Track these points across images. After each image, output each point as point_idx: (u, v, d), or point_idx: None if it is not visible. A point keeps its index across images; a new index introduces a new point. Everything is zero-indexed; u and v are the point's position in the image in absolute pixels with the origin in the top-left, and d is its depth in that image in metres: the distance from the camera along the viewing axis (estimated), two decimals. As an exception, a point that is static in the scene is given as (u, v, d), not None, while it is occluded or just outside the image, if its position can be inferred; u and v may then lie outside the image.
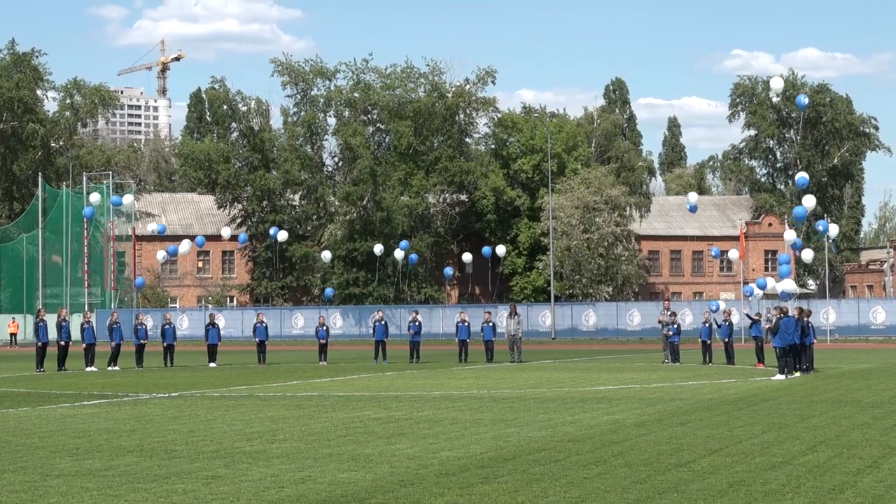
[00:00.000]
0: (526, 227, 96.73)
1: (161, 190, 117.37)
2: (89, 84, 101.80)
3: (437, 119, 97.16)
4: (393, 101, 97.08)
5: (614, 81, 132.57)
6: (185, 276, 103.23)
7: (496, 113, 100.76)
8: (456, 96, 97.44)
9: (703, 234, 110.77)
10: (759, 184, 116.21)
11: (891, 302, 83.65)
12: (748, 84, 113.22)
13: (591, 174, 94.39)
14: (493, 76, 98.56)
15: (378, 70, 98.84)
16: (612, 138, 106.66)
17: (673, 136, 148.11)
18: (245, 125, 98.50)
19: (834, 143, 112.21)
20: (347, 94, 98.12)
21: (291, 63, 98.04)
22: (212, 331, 47.22)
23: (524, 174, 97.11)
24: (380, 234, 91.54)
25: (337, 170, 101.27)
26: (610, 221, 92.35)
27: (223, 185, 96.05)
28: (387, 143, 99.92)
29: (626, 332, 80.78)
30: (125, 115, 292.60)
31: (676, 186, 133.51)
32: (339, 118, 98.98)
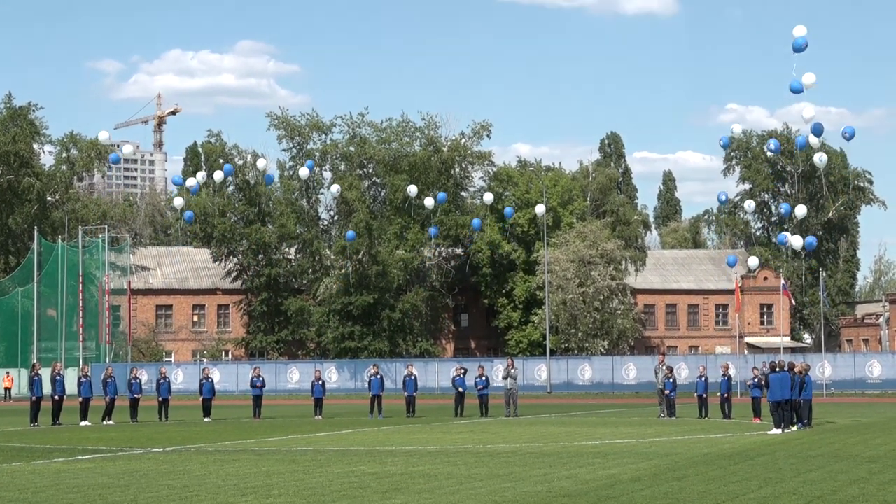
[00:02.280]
0: (522, 281, 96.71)
1: (157, 244, 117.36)
2: (85, 138, 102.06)
3: (432, 173, 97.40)
4: (389, 154, 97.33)
5: (609, 135, 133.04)
6: (181, 330, 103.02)
7: (492, 167, 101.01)
8: (451, 150, 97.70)
9: (698, 287, 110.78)
10: (753, 237, 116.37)
11: (887, 356, 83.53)
12: (743, 138, 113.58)
13: (586, 228, 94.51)
14: (488, 130, 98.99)
15: (374, 124, 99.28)
16: (607, 192, 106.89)
17: (668, 190, 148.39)
18: (241, 179, 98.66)
19: (829, 197, 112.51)
20: (343, 147, 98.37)
21: (287, 117, 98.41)
22: (206, 385, 47.12)
23: (520, 228, 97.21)
24: (375, 287, 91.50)
25: (332, 224, 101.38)
26: (605, 275, 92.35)
27: (219, 239, 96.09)
28: (382, 197, 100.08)
29: (621, 385, 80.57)
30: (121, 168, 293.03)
31: (672, 240, 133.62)
32: (335, 172, 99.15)
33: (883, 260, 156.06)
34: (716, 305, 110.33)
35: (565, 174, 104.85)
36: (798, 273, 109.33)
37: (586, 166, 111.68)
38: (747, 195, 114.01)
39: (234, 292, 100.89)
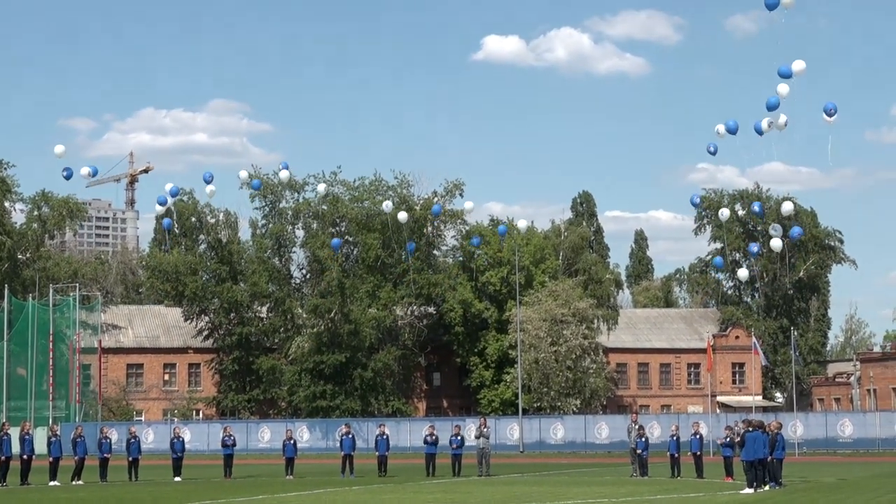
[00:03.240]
0: (494, 340, 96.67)
1: (128, 302, 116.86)
2: (57, 196, 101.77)
3: (405, 232, 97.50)
4: (361, 213, 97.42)
5: (581, 195, 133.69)
6: (151, 389, 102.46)
7: (464, 226, 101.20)
8: (424, 209, 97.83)
9: (670, 346, 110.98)
10: (725, 296, 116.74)
11: (858, 415, 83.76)
12: (714, 197, 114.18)
13: (558, 287, 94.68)
14: (461, 189, 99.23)
15: (346, 183, 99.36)
16: (579, 251, 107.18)
17: (640, 249, 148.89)
18: (213, 237, 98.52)
19: (800, 256, 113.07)
20: (316, 206, 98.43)
21: (260, 175, 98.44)
22: (177, 444, 46.83)
23: (492, 287, 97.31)
24: (347, 346, 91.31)
25: (305, 282, 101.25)
26: (578, 334, 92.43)
27: (190, 298, 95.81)
28: (355, 256, 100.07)
29: (594, 444, 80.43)
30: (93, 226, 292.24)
31: (644, 299, 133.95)
32: (308, 230, 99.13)
33: (854, 319, 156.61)
34: (688, 364, 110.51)
35: (537, 233, 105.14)
36: (769, 332, 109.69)
37: (558, 225, 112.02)
38: (718, 254, 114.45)
39: (205, 351, 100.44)
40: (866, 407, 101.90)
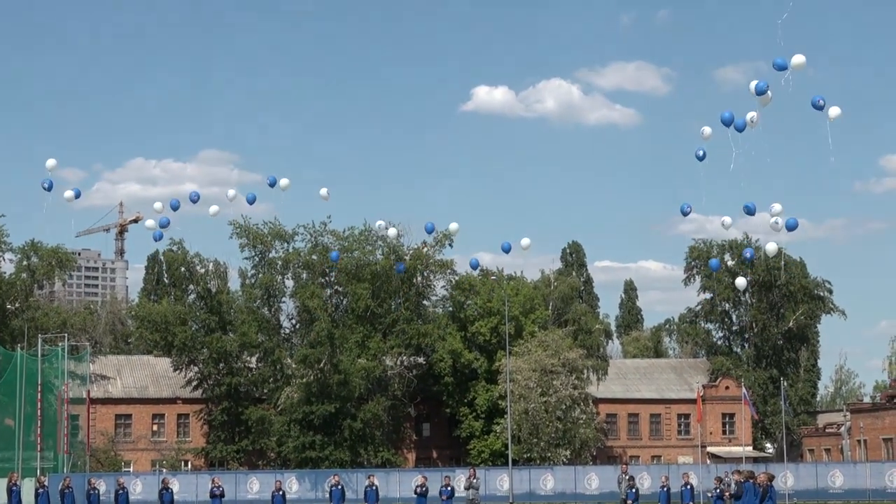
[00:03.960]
0: (483, 390, 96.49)
1: (117, 352, 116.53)
2: (46, 246, 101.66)
3: (394, 282, 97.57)
4: (351, 263, 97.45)
5: (571, 245, 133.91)
6: (140, 440, 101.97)
7: (454, 276, 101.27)
8: (414, 259, 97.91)
9: (660, 397, 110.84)
10: (715, 347, 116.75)
11: (849, 466, 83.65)
12: (703, 248, 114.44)
13: (548, 337, 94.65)
14: (450, 239, 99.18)
15: (336, 233, 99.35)
16: (569, 301, 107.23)
17: (629, 299, 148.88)
18: (202, 287, 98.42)
19: (789, 306, 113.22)
20: (305, 256, 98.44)
21: (250, 225, 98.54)
22: (166, 495, 46.65)
23: (482, 337, 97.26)
24: (337, 396, 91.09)
25: (294, 332, 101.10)
26: (567, 384, 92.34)
27: (179, 348, 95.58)
28: (344, 306, 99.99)
29: (584, 496, 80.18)
30: (82, 276, 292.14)
31: (633, 349, 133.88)
32: (297, 280, 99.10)
33: (843, 369, 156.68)
34: (678, 415, 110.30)
35: (527, 283, 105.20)
36: (759, 382, 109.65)
37: (548, 275, 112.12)
38: (708, 305, 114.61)
39: (194, 401, 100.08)
40: (857, 458, 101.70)
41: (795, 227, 44.40)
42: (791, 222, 44.06)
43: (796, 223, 44.14)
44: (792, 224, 44.33)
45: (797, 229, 44.19)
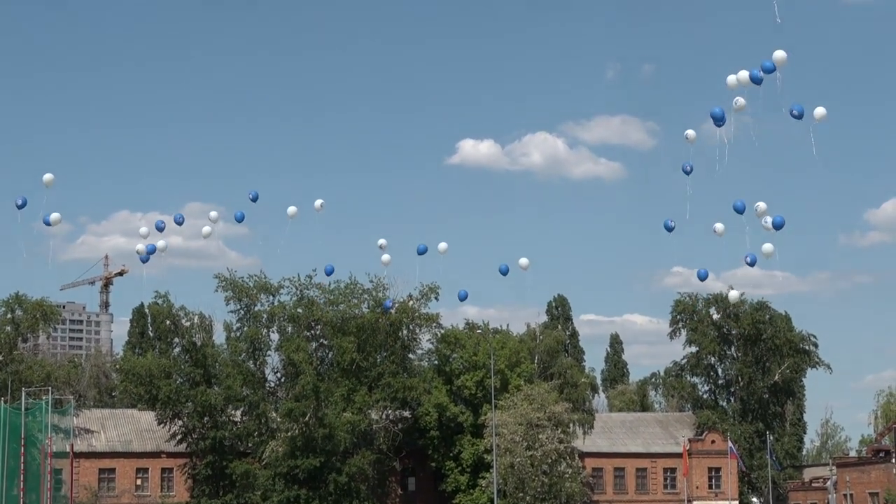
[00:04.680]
0: (469, 444, 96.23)
1: (101, 406, 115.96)
2: (31, 299, 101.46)
3: (380, 335, 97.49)
4: (336, 316, 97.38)
5: (556, 298, 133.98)
6: (123, 494, 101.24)
7: (439, 329, 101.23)
8: (399, 312, 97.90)
9: (646, 451, 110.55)
10: (701, 401, 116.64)
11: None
12: (688, 301, 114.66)
13: (534, 390, 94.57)
14: (436, 292, 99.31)
15: (322, 286, 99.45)
16: (554, 355, 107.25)
17: (615, 353, 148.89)
18: (188, 340, 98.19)
19: (774, 360, 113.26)
20: (291, 309, 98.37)
21: (235, 279, 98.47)
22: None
23: (467, 390, 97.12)
24: (322, 450, 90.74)
25: (279, 385, 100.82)
26: (553, 438, 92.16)
27: (164, 401, 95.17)
28: (330, 359, 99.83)
29: (570, 550, 79.86)
30: (67, 329, 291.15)
31: (619, 403, 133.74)
32: (283, 334, 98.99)
33: (829, 423, 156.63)
34: (664, 469, 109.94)
35: (513, 337, 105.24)
36: (745, 436, 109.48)
37: (533, 329, 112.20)
38: (693, 358, 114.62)
39: (178, 455, 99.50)
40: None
41: (782, 226, 44.55)
42: (777, 220, 44.22)
43: (783, 221, 44.42)
44: (779, 222, 44.48)
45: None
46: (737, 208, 44.88)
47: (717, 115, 43.47)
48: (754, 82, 42.00)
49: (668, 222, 49.38)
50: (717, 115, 43.46)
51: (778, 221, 44.39)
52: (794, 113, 42.12)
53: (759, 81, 41.84)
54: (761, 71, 41.75)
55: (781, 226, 44.55)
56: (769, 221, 44.69)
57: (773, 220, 44.66)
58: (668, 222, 49.38)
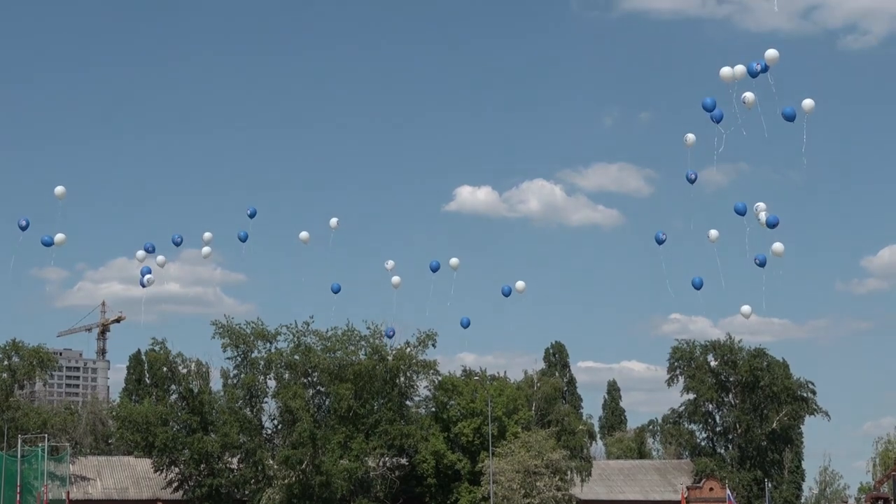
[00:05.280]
0: (467, 492, 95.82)
1: (97, 453, 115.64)
2: (28, 345, 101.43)
3: (377, 382, 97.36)
4: (333, 363, 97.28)
5: (554, 345, 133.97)
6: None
7: (437, 376, 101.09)
8: (397, 359, 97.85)
9: (644, 498, 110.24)
10: (699, 448, 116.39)
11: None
12: (686, 348, 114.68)
13: (531, 438, 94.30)
14: (433, 339, 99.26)
15: (319, 333, 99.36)
16: (552, 402, 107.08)
17: (613, 400, 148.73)
18: (184, 387, 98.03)
19: (772, 407, 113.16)
20: (288, 356, 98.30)
21: (232, 325, 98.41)
22: None
23: (465, 437, 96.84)
24: (319, 498, 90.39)
25: (276, 433, 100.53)
26: (551, 486, 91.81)
27: (160, 449, 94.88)
28: (327, 406, 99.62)
29: None
30: (63, 376, 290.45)
31: (617, 450, 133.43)
32: (280, 380, 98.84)
33: (828, 471, 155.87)
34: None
35: (510, 384, 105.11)
36: (743, 483, 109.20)
37: (531, 376, 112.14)
38: (691, 405, 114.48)
39: (175, 503, 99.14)
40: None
41: (776, 224, 44.55)
42: (772, 219, 44.22)
43: (776, 220, 44.48)
44: (772, 221, 44.48)
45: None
46: (738, 210, 44.89)
47: (713, 112, 43.58)
48: (751, 75, 42.17)
49: (660, 234, 49.52)
50: (714, 113, 43.56)
51: (772, 220, 44.29)
52: (785, 115, 42.38)
53: (756, 75, 42.03)
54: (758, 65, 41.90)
55: (775, 224, 44.55)
56: (763, 217, 44.67)
57: (768, 218, 44.61)
58: (660, 234, 49.52)
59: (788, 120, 42.33)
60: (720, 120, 43.34)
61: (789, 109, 42.53)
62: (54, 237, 54.71)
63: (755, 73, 42.01)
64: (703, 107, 43.45)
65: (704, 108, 43.38)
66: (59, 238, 54.41)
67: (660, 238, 49.96)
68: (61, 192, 54.91)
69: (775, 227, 44.92)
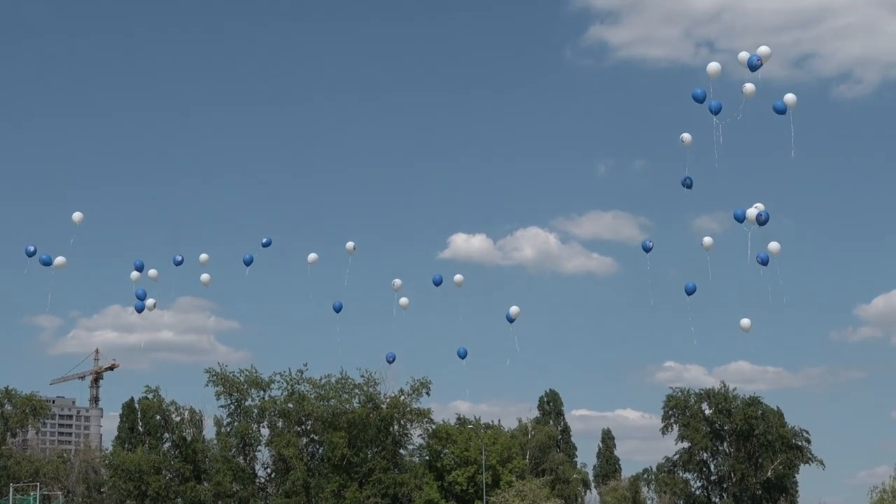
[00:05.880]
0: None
1: (90, 502, 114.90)
2: (20, 393, 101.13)
3: (371, 430, 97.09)
4: (327, 411, 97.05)
5: (548, 393, 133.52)
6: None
7: (430, 424, 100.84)
8: (391, 407, 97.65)
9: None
10: (693, 497, 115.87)
11: None
12: (680, 396, 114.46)
13: (525, 486, 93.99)
14: (427, 387, 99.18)
15: (313, 381, 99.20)
16: (546, 450, 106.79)
17: (607, 448, 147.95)
18: (177, 436, 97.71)
19: (767, 455, 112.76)
20: (282, 404, 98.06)
21: (226, 373, 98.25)
22: None
23: (458, 486, 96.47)
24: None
25: (269, 481, 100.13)
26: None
27: (153, 497, 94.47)
28: (320, 455, 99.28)
29: None
30: (56, 424, 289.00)
31: (611, 499, 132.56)
32: (273, 429, 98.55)
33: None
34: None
35: (504, 432, 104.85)
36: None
37: (525, 424, 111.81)
38: (686, 454, 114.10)
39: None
40: None
41: (767, 221, 44.36)
42: (763, 215, 44.03)
43: (767, 217, 44.30)
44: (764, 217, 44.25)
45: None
46: (737, 217, 44.81)
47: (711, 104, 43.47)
48: (751, 69, 42.18)
49: (646, 243, 49.50)
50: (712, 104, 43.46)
51: (763, 217, 44.13)
52: (776, 109, 42.41)
53: (754, 69, 42.02)
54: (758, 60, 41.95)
55: (765, 222, 44.47)
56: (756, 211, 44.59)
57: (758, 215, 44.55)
58: (646, 243, 49.50)
59: (779, 113, 42.39)
60: (718, 111, 43.26)
61: (780, 104, 42.59)
62: (54, 259, 54.17)
63: (754, 66, 42.00)
64: (694, 97, 43.38)
65: (695, 99, 43.29)
66: (59, 261, 53.88)
67: (646, 246, 50.01)
68: (79, 217, 54.38)
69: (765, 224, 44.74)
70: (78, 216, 54.13)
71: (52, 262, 53.63)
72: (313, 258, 60.10)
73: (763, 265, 44.58)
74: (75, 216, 54.03)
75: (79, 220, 54.28)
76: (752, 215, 44.33)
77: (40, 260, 53.49)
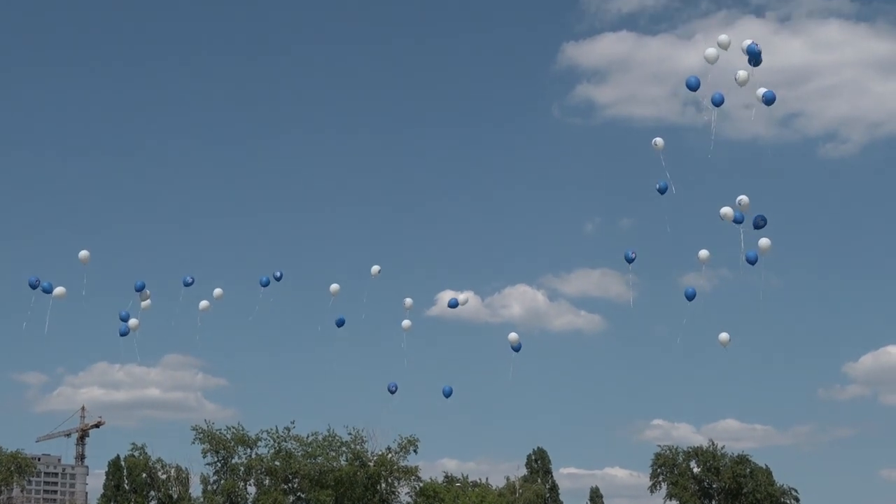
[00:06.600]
0: None
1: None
2: (6, 451, 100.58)
3: (358, 488, 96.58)
4: (314, 469, 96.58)
5: (536, 451, 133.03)
6: None
7: (418, 482, 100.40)
8: (378, 465, 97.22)
9: None
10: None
11: None
12: (669, 454, 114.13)
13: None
14: (415, 445, 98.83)
15: (300, 438, 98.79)
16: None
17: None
18: (164, 494, 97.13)
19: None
20: (268, 462, 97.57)
21: (213, 431, 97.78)
22: None
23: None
24: None
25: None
26: None
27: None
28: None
29: None
30: (41, 482, 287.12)
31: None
32: (260, 487, 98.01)
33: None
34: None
35: (492, 490, 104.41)
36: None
37: (513, 482, 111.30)
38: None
39: None
40: None
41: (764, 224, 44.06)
42: (769, 94, 43.52)
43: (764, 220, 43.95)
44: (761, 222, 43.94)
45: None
46: (736, 219, 44.77)
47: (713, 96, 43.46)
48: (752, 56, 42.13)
49: (629, 253, 49.50)
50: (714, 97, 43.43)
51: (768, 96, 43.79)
52: (764, 99, 42.31)
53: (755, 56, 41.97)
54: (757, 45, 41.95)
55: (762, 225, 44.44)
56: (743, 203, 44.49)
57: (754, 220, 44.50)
58: (629, 253, 49.50)
59: (768, 104, 42.24)
60: (720, 103, 43.31)
61: (769, 93, 42.43)
62: (55, 290, 53.55)
63: (755, 53, 41.95)
64: (688, 86, 43.43)
65: (689, 87, 43.34)
66: (59, 291, 53.39)
67: (629, 256, 50.07)
68: (85, 256, 53.88)
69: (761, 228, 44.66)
70: (84, 254, 53.61)
71: (52, 291, 53.23)
72: (335, 289, 58.76)
73: (751, 264, 44.41)
74: (81, 254, 53.53)
75: (85, 259, 53.72)
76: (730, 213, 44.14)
77: (42, 288, 53.02)
